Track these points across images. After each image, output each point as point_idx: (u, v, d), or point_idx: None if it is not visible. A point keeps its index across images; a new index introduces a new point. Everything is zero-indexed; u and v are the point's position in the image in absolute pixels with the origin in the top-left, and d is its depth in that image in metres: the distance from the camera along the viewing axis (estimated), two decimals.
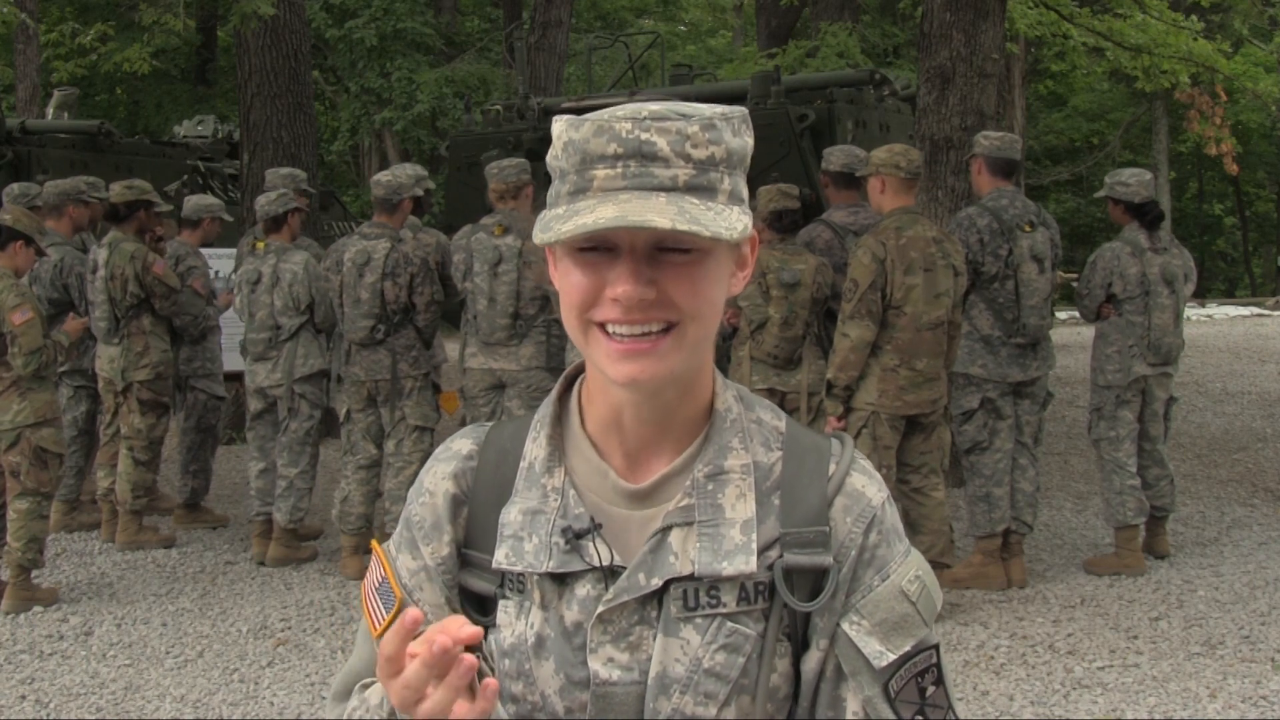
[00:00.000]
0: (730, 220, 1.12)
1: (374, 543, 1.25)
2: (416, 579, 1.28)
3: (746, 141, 1.19)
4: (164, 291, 6.74)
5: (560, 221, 1.12)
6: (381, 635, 1.16)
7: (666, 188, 1.11)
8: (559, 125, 1.17)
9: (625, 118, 1.13)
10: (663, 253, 1.14)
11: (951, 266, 5.25)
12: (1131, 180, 6.04)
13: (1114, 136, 25.49)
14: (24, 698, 4.72)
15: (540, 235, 1.13)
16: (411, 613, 1.06)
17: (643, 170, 1.12)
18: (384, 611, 1.19)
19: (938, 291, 5.20)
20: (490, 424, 1.34)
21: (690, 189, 1.12)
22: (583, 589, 1.21)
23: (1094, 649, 4.96)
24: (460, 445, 1.32)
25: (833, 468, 1.25)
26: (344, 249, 6.21)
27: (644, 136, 1.12)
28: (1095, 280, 6.10)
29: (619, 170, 1.12)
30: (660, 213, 1.09)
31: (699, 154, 1.13)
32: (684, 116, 1.13)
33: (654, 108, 1.14)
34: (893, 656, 1.20)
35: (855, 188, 6.19)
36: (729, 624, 1.19)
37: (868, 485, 1.25)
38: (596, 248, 1.14)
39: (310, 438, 6.54)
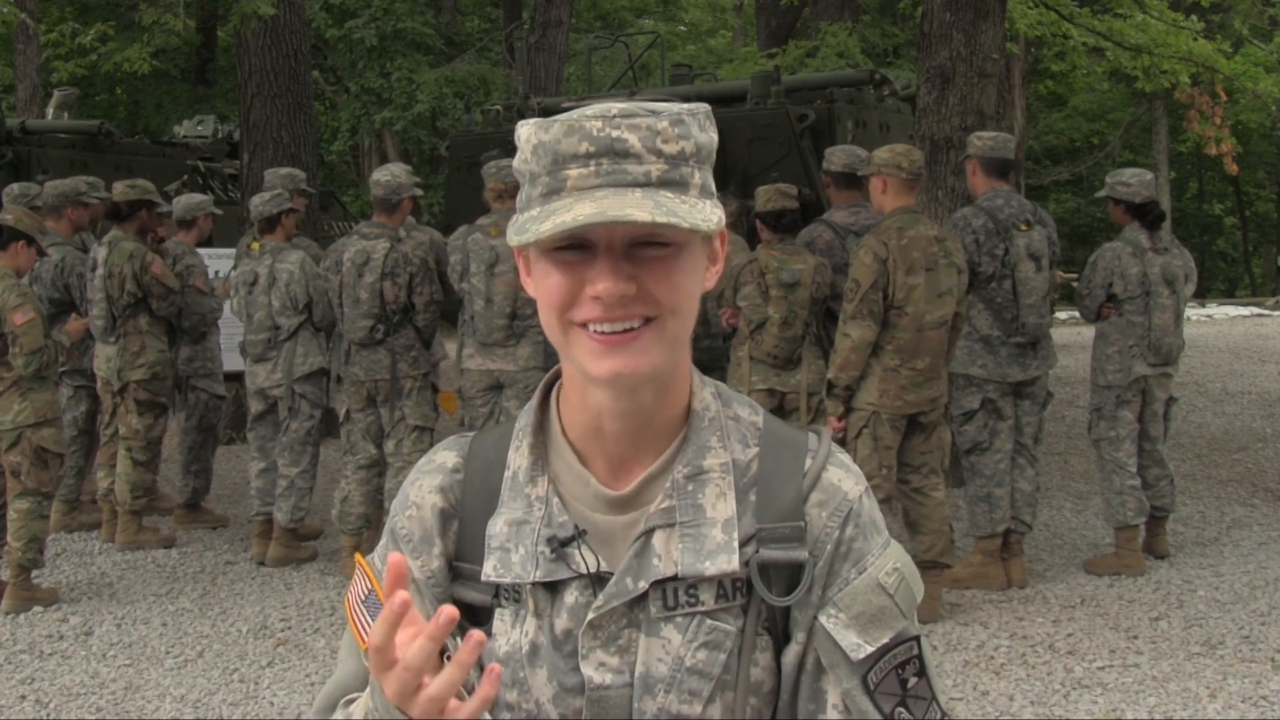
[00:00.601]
0: (705, 212, 1.14)
1: (358, 556, 1.24)
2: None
3: (712, 136, 1.19)
4: (162, 292, 6.73)
5: (537, 222, 1.12)
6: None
7: (641, 183, 1.12)
8: (526, 129, 1.17)
9: (595, 116, 1.13)
10: (640, 248, 1.14)
11: (954, 265, 5.26)
12: (1133, 180, 6.04)
13: (1114, 136, 25.50)
14: (24, 698, 4.72)
15: (517, 238, 1.13)
16: (400, 595, 1.03)
17: (616, 167, 1.12)
18: (372, 623, 1.19)
19: (940, 290, 5.20)
20: (471, 434, 1.34)
21: (664, 184, 1.13)
22: (571, 596, 1.21)
23: (1094, 649, 4.96)
24: (444, 458, 1.31)
25: (809, 462, 1.25)
26: (343, 249, 6.21)
27: (615, 134, 1.12)
28: (1096, 280, 6.10)
29: (592, 168, 1.12)
30: (638, 207, 1.09)
31: (670, 149, 1.14)
32: (653, 113, 1.14)
33: (621, 106, 1.14)
34: (870, 649, 1.20)
35: (857, 188, 6.19)
36: (709, 621, 1.19)
37: (844, 479, 1.26)
38: (574, 247, 1.14)
39: (311, 437, 6.54)
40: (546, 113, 10.17)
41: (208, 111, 17.56)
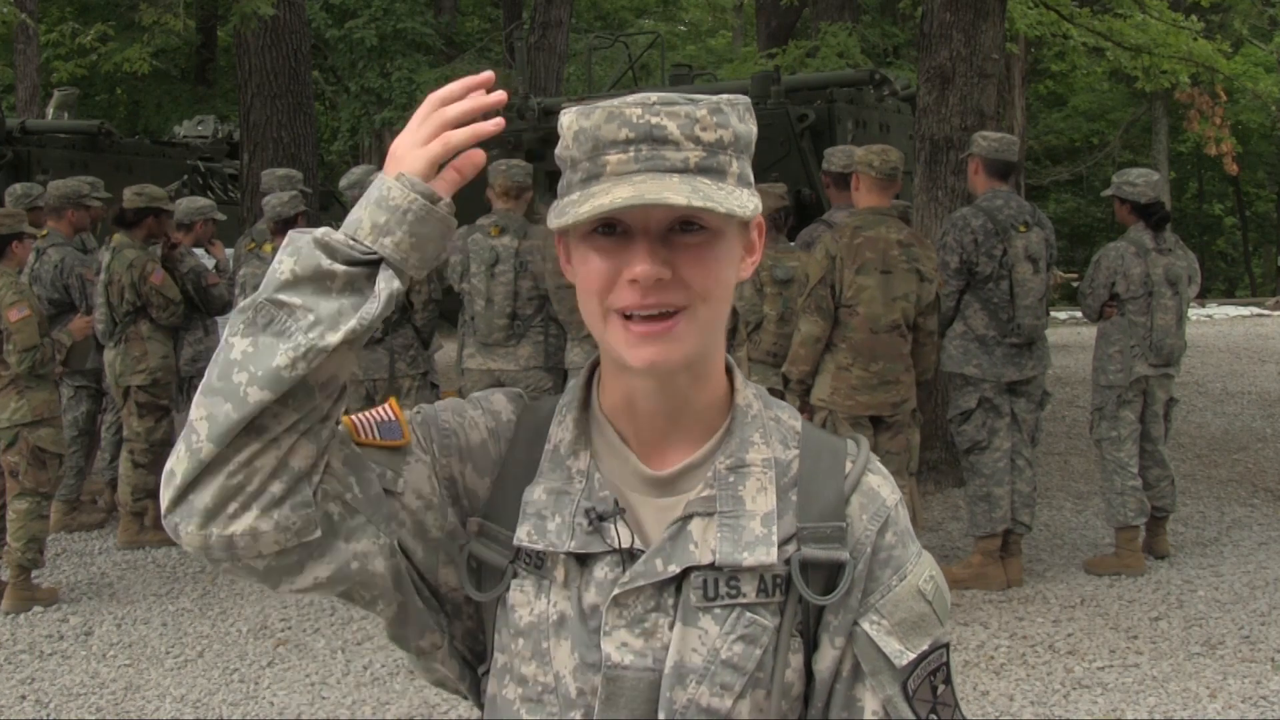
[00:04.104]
0: (742, 200, 1.15)
1: (391, 400, 1.26)
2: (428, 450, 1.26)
3: (751, 128, 1.21)
4: (161, 302, 6.71)
5: (576, 205, 1.13)
6: (364, 444, 1.20)
7: (679, 169, 1.14)
8: (568, 116, 1.18)
9: (635, 104, 1.15)
10: (676, 234, 1.15)
11: (917, 271, 5.23)
12: (1139, 180, 6.05)
13: (1114, 136, 25.49)
14: (24, 698, 4.72)
15: (556, 220, 1.15)
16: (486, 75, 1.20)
17: (654, 153, 1.14)
18: (378, 434, 1.21)
19: (895, 295, 5.19)
20: (526, 400, 1.34)
21: (701, 170, 1.14)
22: (601, 571, 1.21)
23: (1094, 649, 4.96)
24: (501, 406, 1.31)
25: (849, 466, 1.27)
26: None
27: (654, 120, 1.14)
28: (1099, 279, 6.10)
29: (631, 154, 1.14)
30: (675, 191, 1.10)
31: (708, 137, 1.15)
32: (692, 101, 1.16)
33: (662, 94, 1.16)
34: (912, 655, 1.22)
35: None
36: (748, 614, 1.20)
37: (882, 485, 1.27)
38: (612, 232, 1.16)
39: None
40: (546, 113, 10.18)
41: (208, 111, 17.57)
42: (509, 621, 1.23)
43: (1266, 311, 19.83)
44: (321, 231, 1.13)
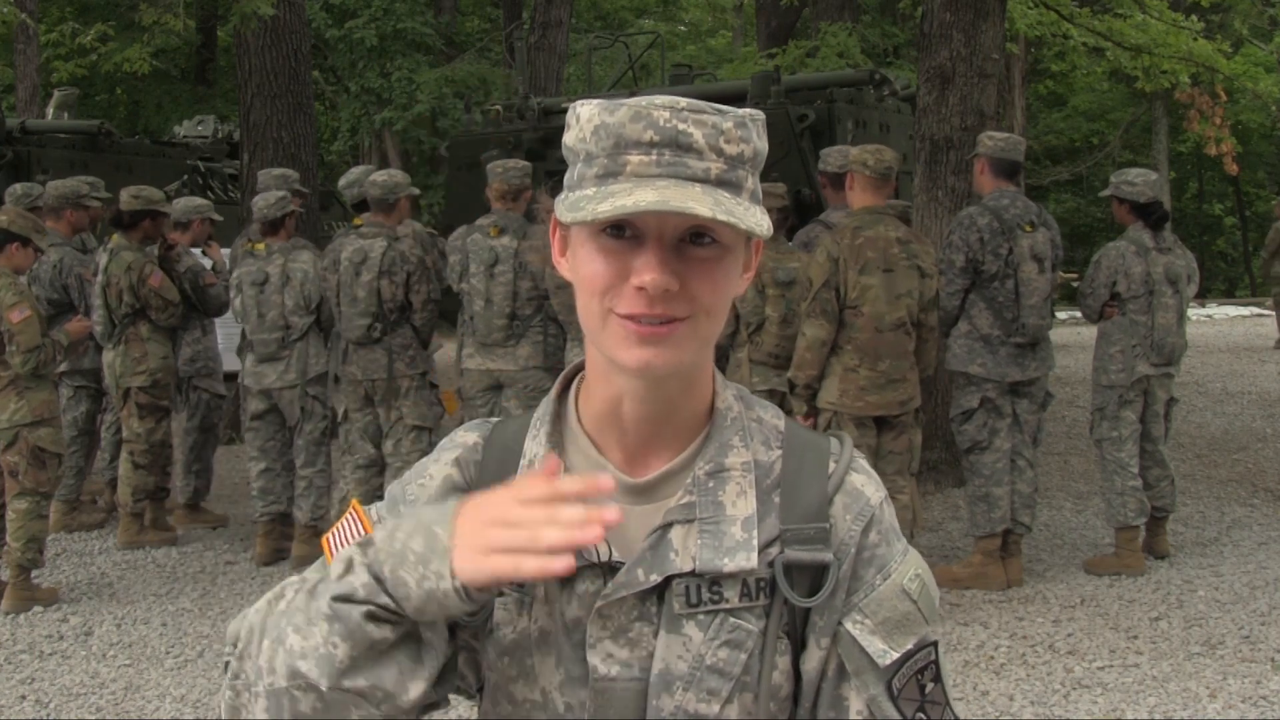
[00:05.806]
0: (758, 217, 1.14)
1: (354, 501, 1.24)
2: None
3: (765, 146, 1.20)
4: (160, 304, 6.71)
5: (594, 201, 1.11)
6: None
7: (699, 179, 1.12)
8: (588, 109, 1.16)
9: (663, 106, 1.13)
10: (687, 245, 1.14)
11: (918, 268, 5.24)
12: (1137, 180, 6.05)
13: (1114, 136, 25.48)
14: (24, 698, 4.72)
15: (570, 214, 1.12)
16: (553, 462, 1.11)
17: (677, 160, 1.12)
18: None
19: (899, 292, 5.19)
20: (495, 420, 1.34)
21: (720, 183, 1.13)
22: (583, 585, 1.20)
23: (1094, 649, 4.96)
24: (466, 437, 1.32)
25: (832, 466, 1.26)
26: (341, 248, 6.21)
27: (681, 127, 1.12)
28: (1099, 279, 6.10)
29: (653, 157, 1.12)
30: (699, 201, 1.09)
31: (731, 150, 1.14)
32: (720, 112, 1.14)
33: (690, 100, 1.14)
34: (896, 655, 1.21)
35: None
36: (731, 619, 1.19)
37: (866, 484, 1.26)
38: (621, 234, 1.14)
39: (325, 438, 6.55)
40: (546, 113, 10.18)
41: (208, 111, 17.57)
42: (495, 640, 1.23)
43: (1266, 311, 19.81)
44: (366, 608, 1.08)
